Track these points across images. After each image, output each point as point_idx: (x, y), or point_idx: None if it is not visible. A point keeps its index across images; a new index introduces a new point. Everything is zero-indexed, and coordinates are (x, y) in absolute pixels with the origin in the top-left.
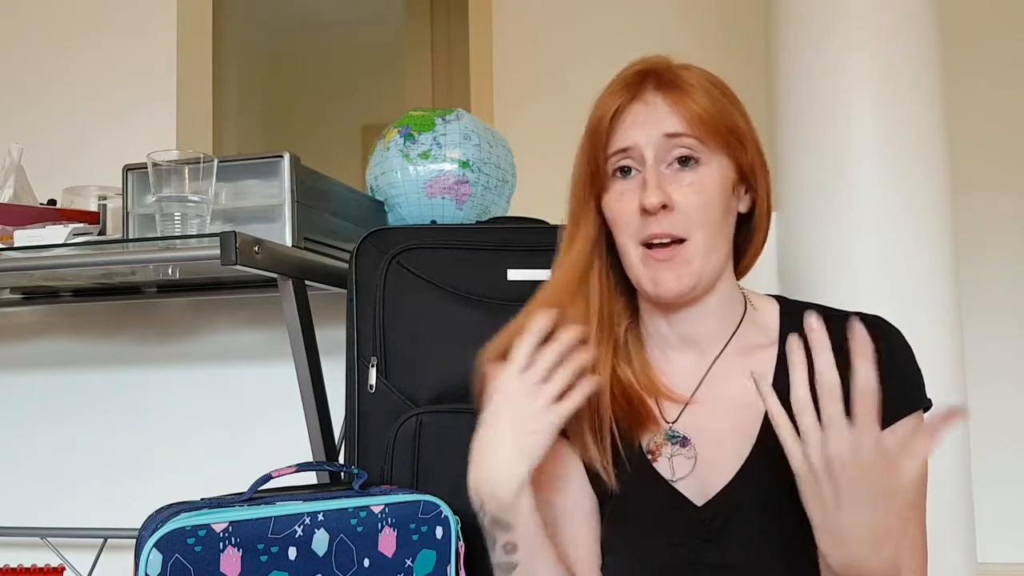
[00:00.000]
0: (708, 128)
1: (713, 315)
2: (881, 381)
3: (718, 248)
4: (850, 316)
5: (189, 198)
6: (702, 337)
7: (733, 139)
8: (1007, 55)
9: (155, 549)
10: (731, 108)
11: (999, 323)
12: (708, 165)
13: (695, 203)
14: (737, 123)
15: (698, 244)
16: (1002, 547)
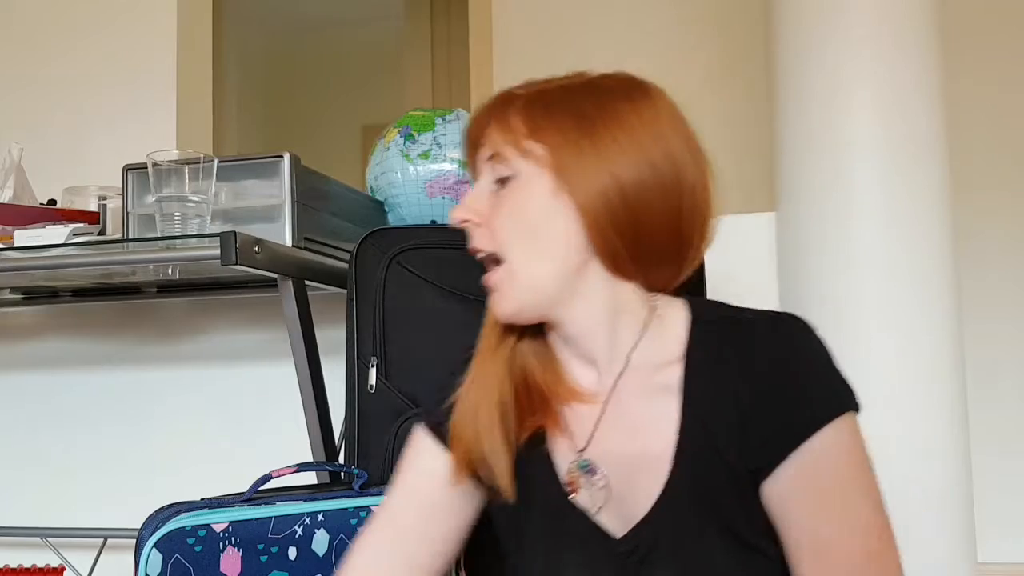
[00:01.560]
0: (510, 146)
1: (592, 332)
2: (791, 390)
3: (548, 264)
4: (756, 322)
5: (189, 198)
6: (595, 354)
7: (551, 148)
8: (1007, 55)
9: (155, 549)
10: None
11: (999, 323)
12: (518, 179)
13: (503, 220)
14: (548, 130)
15: (514, 263)
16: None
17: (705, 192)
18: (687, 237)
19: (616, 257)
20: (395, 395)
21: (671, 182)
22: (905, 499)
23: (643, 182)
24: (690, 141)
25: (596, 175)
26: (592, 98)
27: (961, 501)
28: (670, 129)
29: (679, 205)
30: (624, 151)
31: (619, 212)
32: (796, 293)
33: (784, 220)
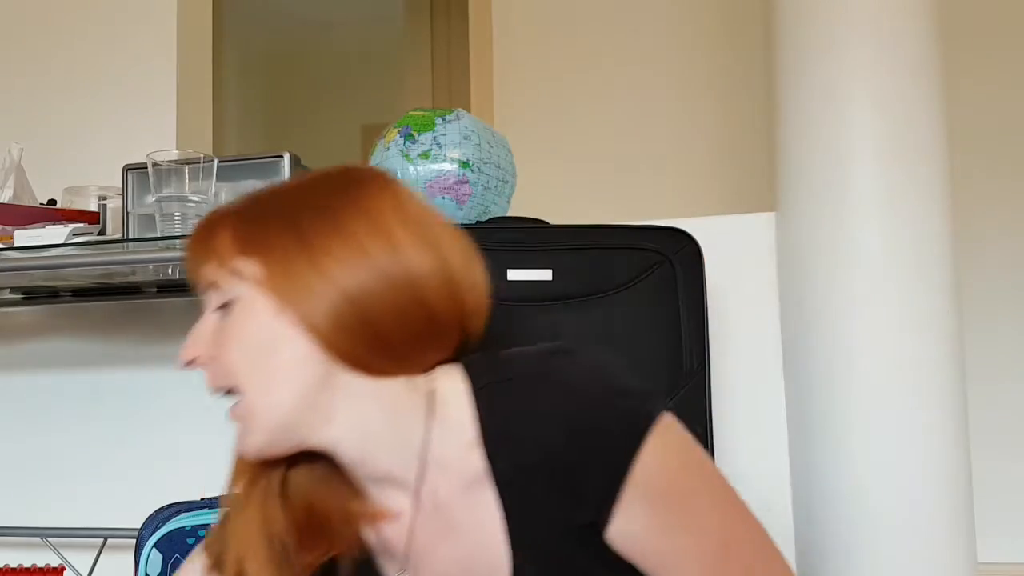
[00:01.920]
0: (220, 269)
1: (370, 449)
2: (590, 431)
3: (285, 391)
4: (525, 376)
5: (189, 198)
6: (386, 470)
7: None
8: (1008, 55)
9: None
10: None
11: (999, 323)
12: (238, 303)
13: (229, 352)
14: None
15: (249, 396)
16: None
17: (455, 269)
18: (445, 320)
19: (365, 363)
20: None
21: (402, 278)
22: (905, 499)
23: (369, 287)
24: (422, 223)
25: (317, 290)
26: (307, 203)
27: (961, 501)
28: (394, 220)
29: (420, 296)
30: (343, 260)
31: (351, 321)
32: (796, 293)
33: (784, 220)
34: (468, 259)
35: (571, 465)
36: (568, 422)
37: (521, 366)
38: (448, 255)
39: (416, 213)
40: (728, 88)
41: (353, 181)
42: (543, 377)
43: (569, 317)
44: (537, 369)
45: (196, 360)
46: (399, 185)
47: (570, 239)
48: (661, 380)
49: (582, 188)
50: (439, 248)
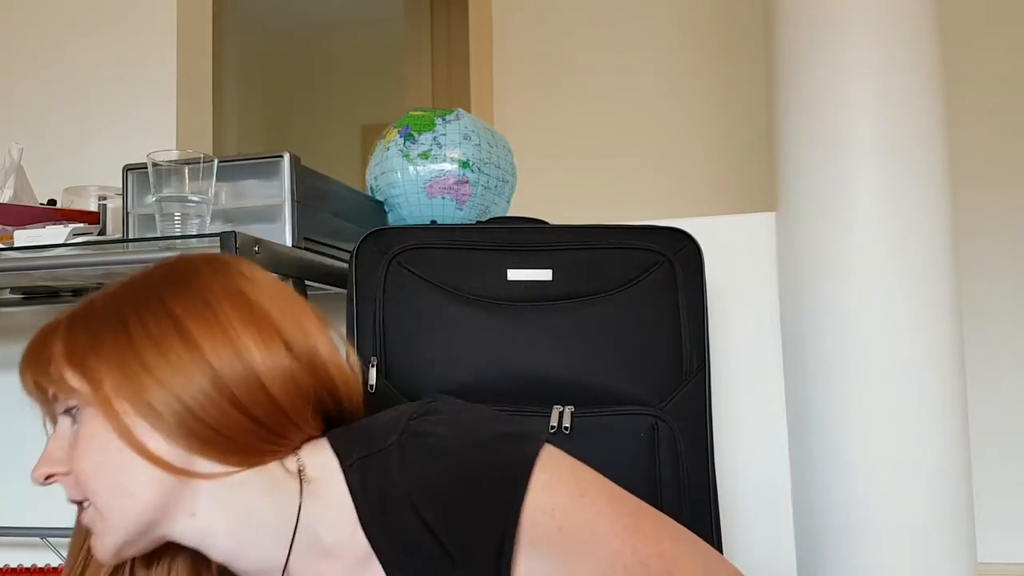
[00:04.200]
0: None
1: (243, 541)
2: (467, 489)
3: (134, 496)
4: (394, 446)
5: (189, 198)
6: (258, 563)
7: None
8: (1007, 54)
9: None
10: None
11: (999, 323)
12: (81, 413)
13: (78, 463)
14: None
15: (99, 505)
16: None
17: (308, 352)
18: (300, 408)
19: (222, 462)
20: (395, 395)
21: (246, 378)
22: (905, 499)
23: (211, 393)
24: (264, 311)
25: (155, 404)
26: (140, 305)
27: (961, 501)
28: (233, 312)
29: (268, 393)
30: (179, 368)
31: (197, 430)
32: (796, 293)
33: (784, 220)
34: (326, 341)
35: (455, 532)
36: (442, 490)
37: (385, 435)
38: (297, 340)
39: (257, 300)
40: (728, 88)
41: (188, 272)
42: (409, 444)
43: (569, 317)
44: (401, 437)
45: (54, 476)
46: (241, 266)
47: (570, 239)
48: (661, 380)
49: (582, 188)
50: (285, 336)
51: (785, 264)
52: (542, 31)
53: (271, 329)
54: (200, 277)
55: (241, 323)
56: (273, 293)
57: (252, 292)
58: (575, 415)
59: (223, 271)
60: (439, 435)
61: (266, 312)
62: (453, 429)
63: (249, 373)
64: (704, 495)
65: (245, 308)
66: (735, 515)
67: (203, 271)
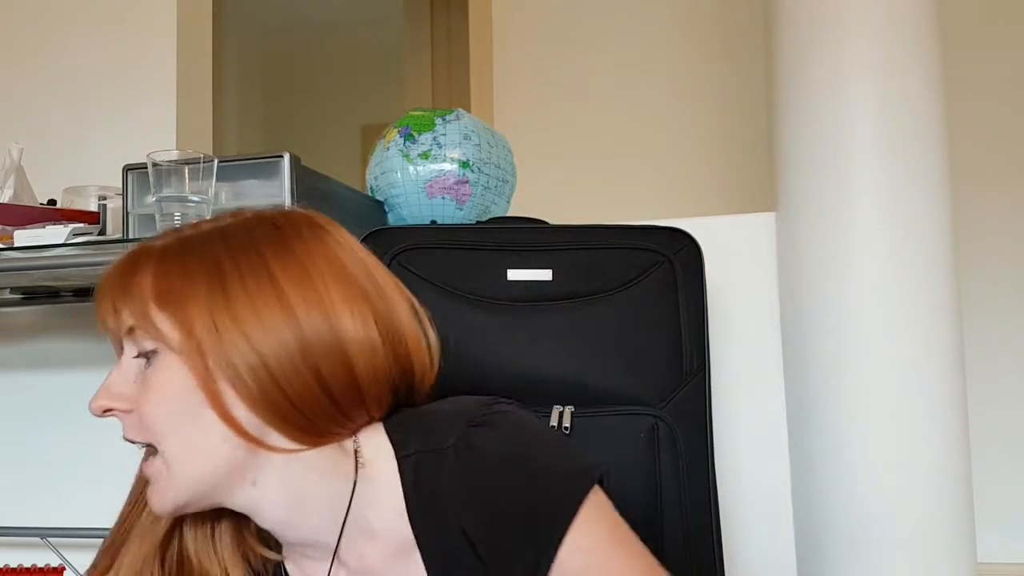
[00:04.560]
0: (139, 318)
1: (290, 518)
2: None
3: (206, 456)
4: (454, 448)
5: (189, 198)
6: (307, 537)
7: (183, 324)
8: (1007, 55)
9: None
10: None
11: (999, 322)
12: (160, 356)
13: (150, 407)
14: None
15: (168, 456)
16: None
17: (395, 329)
18: (378, 387)
19: (291, 436)
20: None
21: (331, 344)
22: (905, 499)
23: (296, 356)
24: (359, 278)
25: (239, 364)
26: (235, 251)
27: (961, 501)
28: (329, 280)
29: (351, 364)
30: (269, 326)
31: (276, 398)
32: (796, 293)
33: (784, 220)
34: (411, 315)
35: (496, 552)
36: (490, 510)
37: (443, 435)
38: (385, 317)
39: (353, 270)
40: (728, 88)
41: (288, 230)
42: (466, 453)
43: (569, 317)
44: (461, 442)
45: (112, 410)
46: (336, 233)
47: (570, 239)
48: (661, 380)
49: (582, 188)
50: (375, 311)
51: (785, 264)
52: (542, 31)
53: (364, 302)
54: (300, 237)
55: (337, 292)
56: (367, 265)
57: (349, 261)
58: (575, 415)
59: (322, 234)
60: (495, 453)
61: (360, 284)
62: (509, 449)
63: (337, 344)
64: (704, 495)
65: (341, 277)
66: (735, 515)
67: (304, 232)
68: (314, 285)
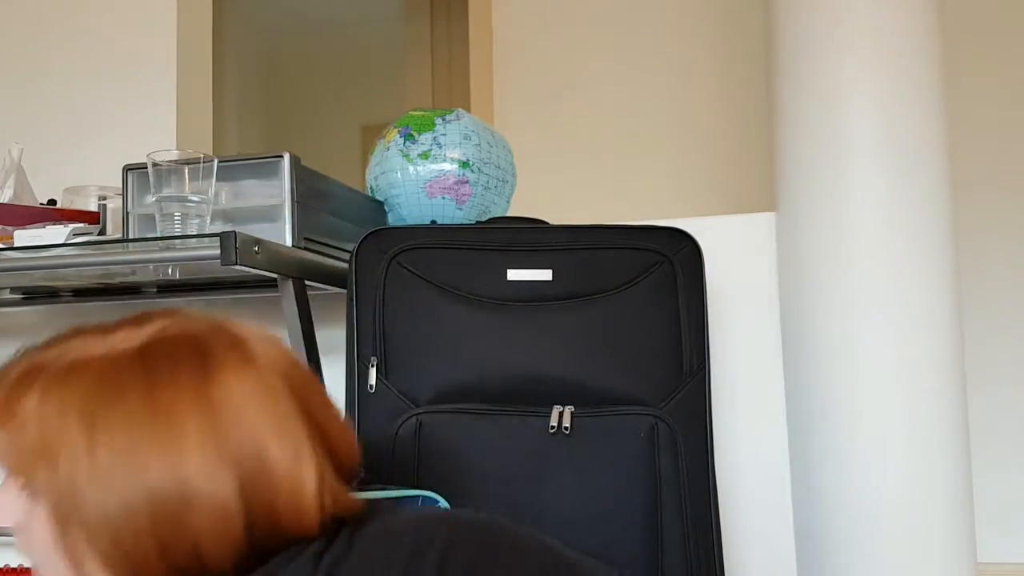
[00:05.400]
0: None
1: None
2: None
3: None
4: None
5: (189, 198)
6: None
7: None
8: (1007, 55)
9: None
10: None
11: (999, 323)
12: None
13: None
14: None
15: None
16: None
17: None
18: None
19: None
20: (395, 395)
21: (170, 490)
22: (905, 499)
23: (138, 516)
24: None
25: (93, 512)
26: (112, 394)
27: (961, 501)
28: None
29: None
30: (116, 482)
31: (119, 552)
32: (796, 293)
33: (784, 220)
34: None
35: None
36: None
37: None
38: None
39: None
40: (728, 88)
41: (160, 364)
42: None
43: (569, 317)
44: None
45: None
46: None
47: (570, 239)
48: (661, 380)
49: (582, 188)
50: (240, 444)
51: (785, 264)
52: (542, 31)
53: (223, 434)
54: (175, 367)
55: (196, 421)
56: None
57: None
58: (575, 415)
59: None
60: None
61: (221, 413)
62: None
63: (181, 490)
64: (704, 495)
65: (203, 406)
66: (735, 515)
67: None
68: (173, 421)
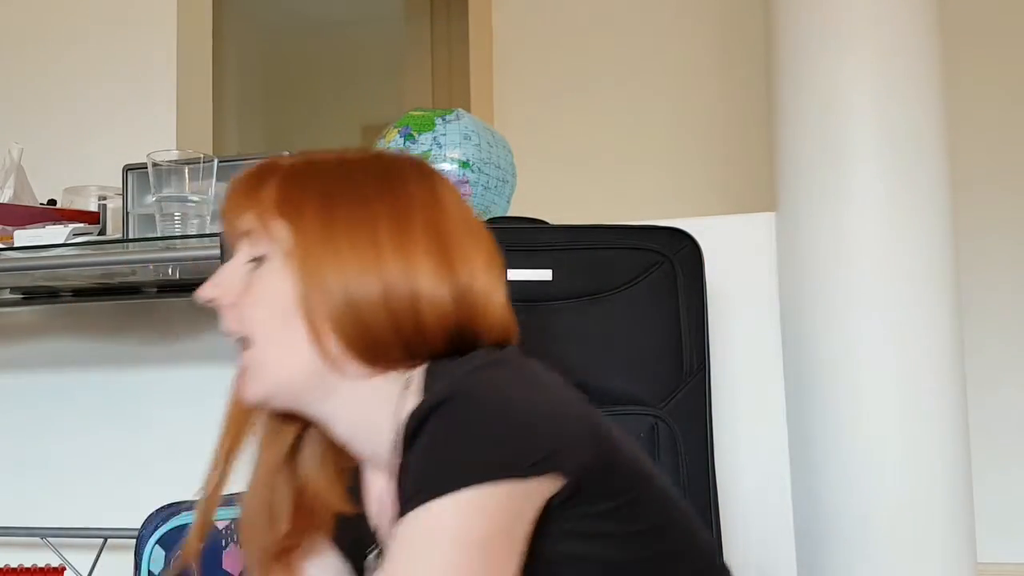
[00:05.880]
0: (259, 225)
1: (356, 433)
2: (412, 464)
3: (296, 357)
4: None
5: (189, 198)
6: (367, 456)
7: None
8: (1007, 55)
9: (158, 545)
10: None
11: (999, 323)
12: (269, 262)
13: (252, 304)
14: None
15: (260, 352)
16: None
17: (468, 293)
18: (439, 337)
19: (366, 358)
20: None
21: (407, 298)
22: (905, 499)
23: (374, 297)
24: (450, 236)
25: (336, 283)
26: (347, 184)
27: (961, 501)
28: (421, 231)
29: (419, 317)
30: (359, 263)
31: (357, 321)
32: (796, 293)
33: (784, 220)
34: (487, 280)
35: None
36: (424, 439)
37: (453, 384)
38: (465, 278)
39: (445, 226)
40: (728, 88)
41: (394, 173)
42: (422, 406)
43: (569, 317)
44: (429, 401)
45: (216, 300)
46: (435, 186)
47: (570, 239)
48: (661, 380)
49: (582, 188)
50: (457, 270)
51: (785, 264)
52: (542, 31)
53: (449, 264)
54: (405, 183)
55: (424, 248)
56: (460, 221)
57: (443, 216)
58: None
59: (426, 185)
60: (432, 413)
61: (447, 240)
62: (444, 416)
63: (412, 299)
64: (704, 495)
65: (432, 230)
66: (735, 515)
67: (409, 178)
68: (407, 240)
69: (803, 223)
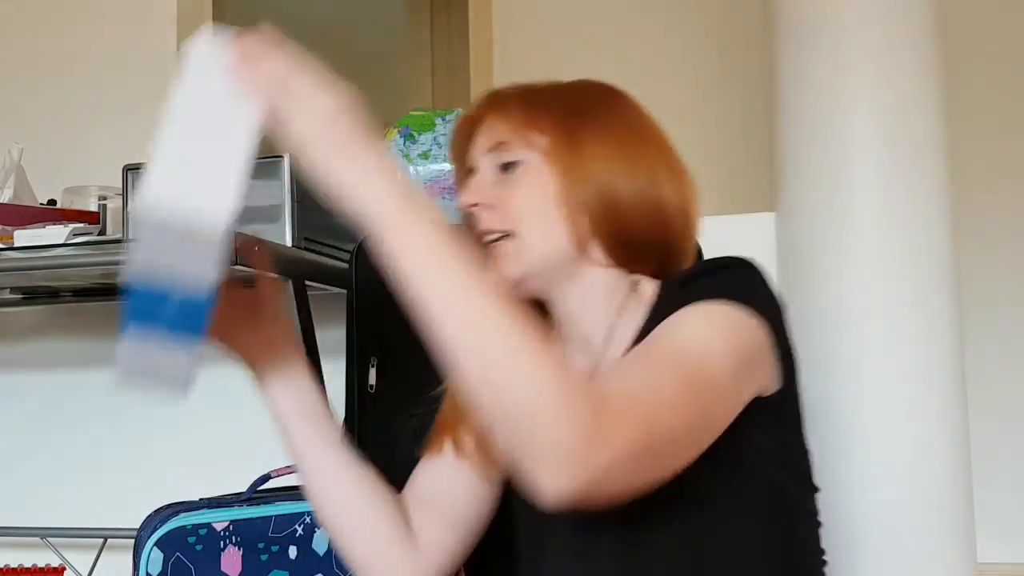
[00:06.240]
0: (514, 134)
1: (582, 314)
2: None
3: (555, 242)
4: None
5: None
6: (585, 335)
7: (552, 140)
8: (1007, 55)
9: (156, 547)
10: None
11: (999, 322)
12: (525, 166)
13: (515, 201)
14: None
15: (525, 237)
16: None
17: (689, 203)
18: (669, 241)
19: (614, 251)
20: (395, 395)
21: (652, 202)
22: (905, 499)
23: (624, 194)
24: (671, 150)
25: (590, 176)
26: (587, 99)
27: (961, 501)
28: (654, 147)
29: (661, 218)
30: (612, 162)
31: (612, 216)
32: (796, 293)
33: (784, 220)
34: (695, 206)
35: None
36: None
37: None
38: (683, 191)
39: (668, 144)
40: (728, 88)
41: (616, 94)
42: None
43: None
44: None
45: (479, 204)
46: (643, 109)
47: None
48: None
49: None
50: (683, 184)
51: (785, 264)
52: (542, 31)
53: (677, 175)
54: (626, 101)
55: (659, 157)
56: (671, 144)
57: (664, 137)
58: None
59: (638, 107)
60: (711, 260)
61: (671, 154)
62: (720, 261)
63: (656, 203)
64: None
65: (665, 147)
66: None
67: (627, 99)
68: (647, 150)
69: (803, 223)
